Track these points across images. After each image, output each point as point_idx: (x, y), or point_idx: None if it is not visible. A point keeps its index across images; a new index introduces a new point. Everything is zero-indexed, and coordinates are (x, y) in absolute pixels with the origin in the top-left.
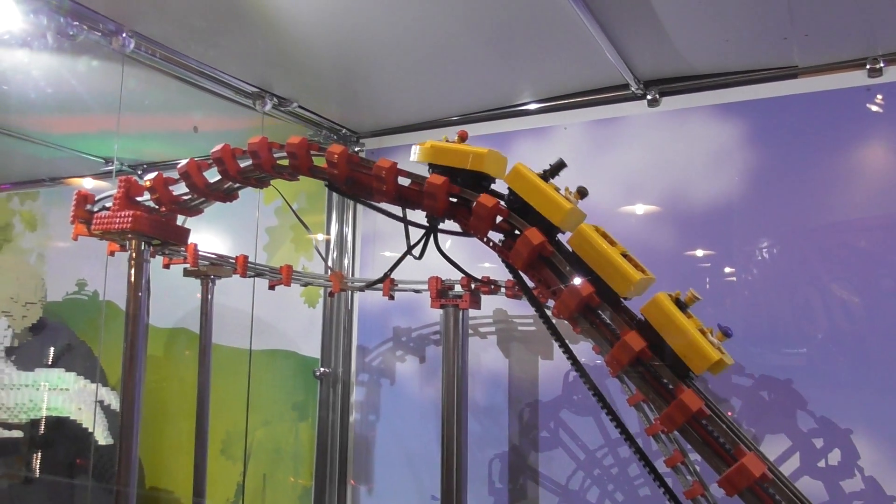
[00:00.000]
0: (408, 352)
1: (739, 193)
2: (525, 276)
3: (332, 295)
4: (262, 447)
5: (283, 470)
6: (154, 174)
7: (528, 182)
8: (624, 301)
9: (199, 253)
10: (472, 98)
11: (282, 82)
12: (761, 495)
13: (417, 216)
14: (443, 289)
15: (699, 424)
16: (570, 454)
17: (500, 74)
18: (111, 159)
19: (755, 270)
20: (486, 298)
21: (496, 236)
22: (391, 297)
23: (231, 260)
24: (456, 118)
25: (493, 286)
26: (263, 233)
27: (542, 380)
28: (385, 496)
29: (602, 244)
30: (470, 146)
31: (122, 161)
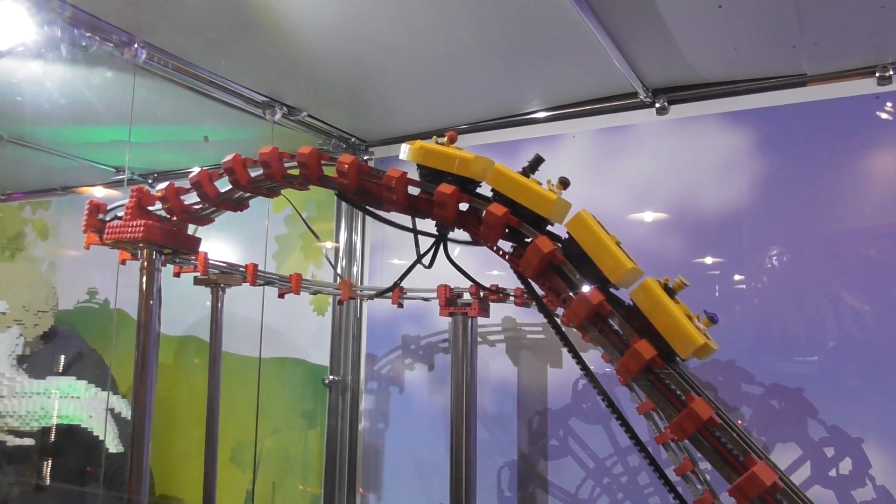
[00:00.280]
0: (417, 360)
1: (749, 201)
2: (535, 285)
3: (341, 303)
4: (271, 455)
5: (292, 478)
6: (165, 184)
7: (510, 179)
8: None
9: (210, 262)
10: (480, 106)
11: (291, 92)
12: None
13: (426, 225)
14: (452, 297)
15: (709, 433)
16: (580, 462)
17: (508, 83)
18: (122, 168)
19: (765, 278)
20: (494, 306)
21: (505, 245)
22: (400, 305)
23: (241, 268)
24: (464, 126)
25: (501, 294)
26: (273, 241)
27: (552, 388)
28: None
29: (599, 230)
30: (458, 150)
31: (132, 170)
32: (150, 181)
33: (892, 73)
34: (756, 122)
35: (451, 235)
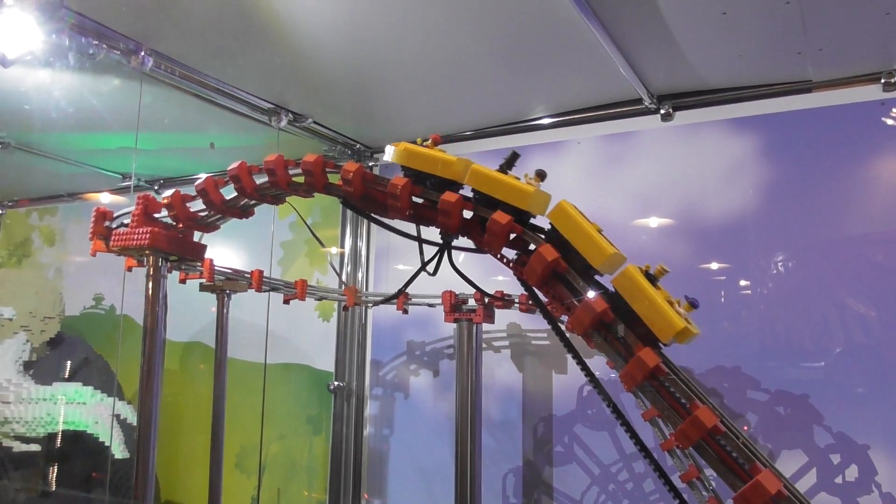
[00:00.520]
0: (421, 366)
1: (754, 207)
2: (538, 292)
3: (346, 309)
4: (276, 461)
5: (297, 484)
6: (171, 191)
7: (487, 177)
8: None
9: (215, 268)
10: (485, 113)
11: (297, 99)
12: None
13: (430, 232)
14: (456, 303)
15: (714, 441)
16: (585, 469)
17: (513, 89)
18: (128, 175)
19: (770, 284)
20: (499, 312)
21: (509, 252)
22: (405, 312)
23: (246, 275)
24: (469, 133)
25: (506, 300)
26: (278, 247)
27: (557, 394)
28: None
29: (580, 219)
30: (441, 152)
31: (139, 176)
32: (156, 187)
33: None
34: (761, 129)
35: (455, 242)
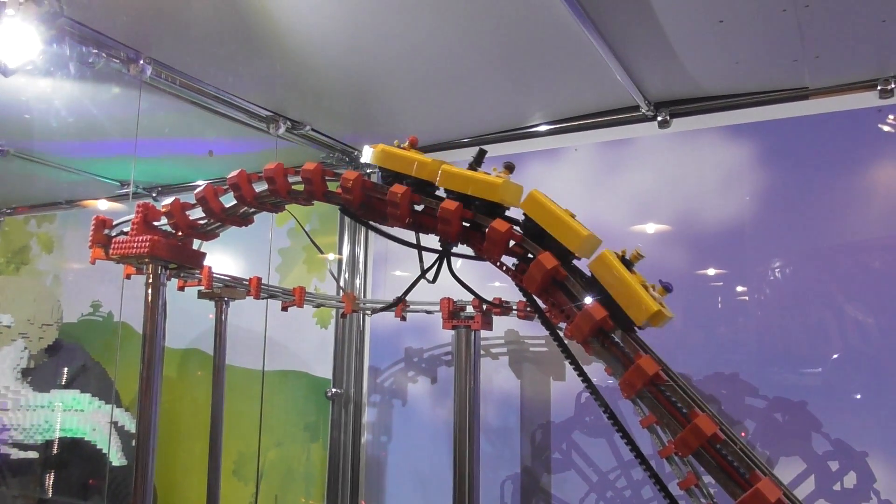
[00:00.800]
0: (420, 373)
1: (751, 214)
2: (538, 299)
3: (344, 316)
4: (273, 468)
5: (294, 491)
6: (171, 200)
7: (457, 175)
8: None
9: (214, 275)
10: (483, 120)
11: (295, 106)
12: None
13: (429, 240)
14: (455, 310)
15: (714, 449)
16: (583, 476)
17: (511, 96)
18: (126, 182)
19: (768, 290)
20: (497, 319)
21: (509, 260)
22: (403, 319)
23: (245, 282)
24: (467, 140)
25: (504, 307)
26: (276, 254)
27: (555, 401)
28: None
29: (553, 205)
30: (418, 153)
31: (137, 184)
32: (154, 195)
33: (893, 86)
34: (758, 136)
35: (455, 250)
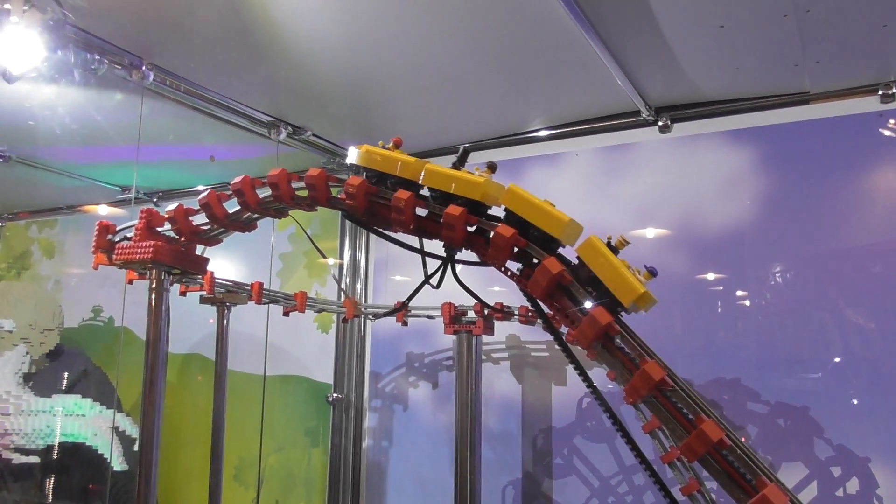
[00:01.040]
0: (421, 377)
1: (751, 218)
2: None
3: (345, 321)
4: (274, 473)
5: (295, 496)
6: (174, 205)
7: (440, 174)
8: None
9: (216, 280)
10: (483, 125)
11: (296, 111)
12: None
13: (433, 245)
14: (456, 315)
15: (720, 454)
16: (585, 481)
17: (512, 102)
18: (127, 188)
19: (769, 295)
20: (498, 324)
21: (513, 265)
22: (404, 324)
23: (246, 287)
24: (467, 144)
25: (506, 312)
26: (277, 259)
27: (556, 406)
28: None
29: (533, 198)
30: (401, 154)
31: (138, 189)
32: (155, 200)
33: (894, 90)
34: (759, 140)
35: (458, 255)
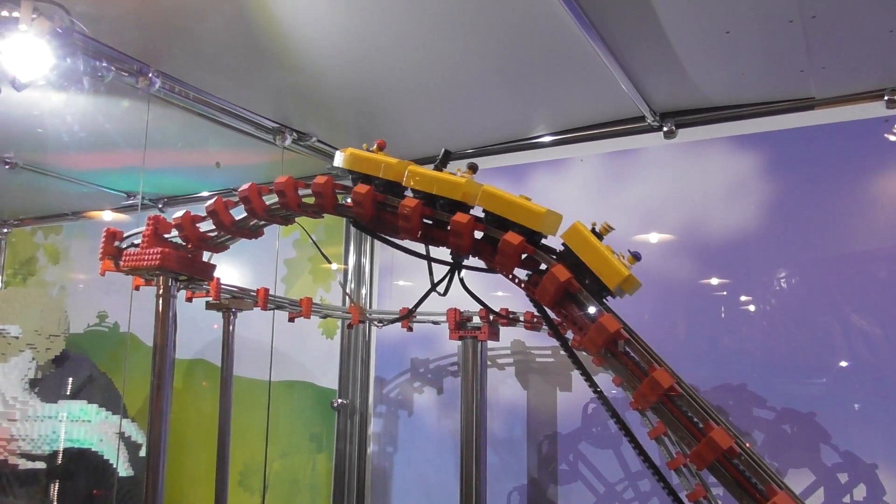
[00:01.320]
0: (425, 383)
1: (756, 224)
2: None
3: (350, 327)
4: (279, 479)
5: (300, 502)
6: (182, 212)
7: (422, 175)
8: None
9: (222, 286)
10: (488, 130)
11: (301, 118)
12: None
13: (440, 251)
14: (461, 320)
15: (729, 462)
16: (590, 487)
17: (516, 107)
18: (132, 193)
19: (774, 300)
20: (504, 330)
21: (520, 272)
22: (410, 329)
23: (252, 293)
24: (471, 151)
25: (511, 318)
26: (282, 264)
27: (561, 412)
28: None
29: (505, 193)
30: (384, 155)
31: (144, 195)
32: (160, 205)
33: None
34: (764, 146)
35: (465, 262)
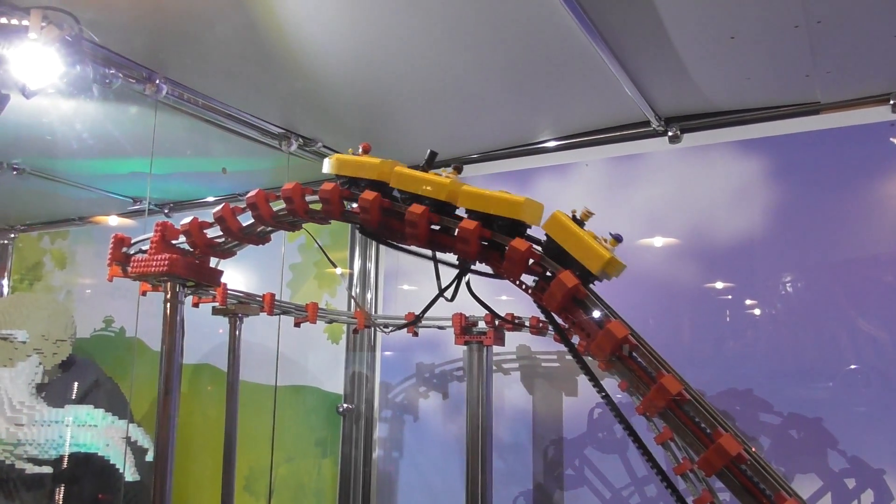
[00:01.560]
0: (431, 388)
1: (762, 228)
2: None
3: (356, 332)
4: (285, 483)
5: None
6: (189, 218)
7: (408, 175)
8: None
9: (228, 292)
10: (492, 135)
11: (307, 123)
12: None
13: (447, 258)
14: (467, 325)
15: (737, 469)
16: (596, 492)
17: (520, 112)
18: (139, 199)
19: (779, 305)
20: (509, 335)
21: (527, 278)
22: (415, 334)
23: (258, 298)
24: (476, 156)
25: (517, 323)
26: (287, 269)
27: (567, 416)
28: None
29: (482, 190)
30: (370, 158)
31: (150, 200)
32: (166, 211)
33: None
34: (769, 150)
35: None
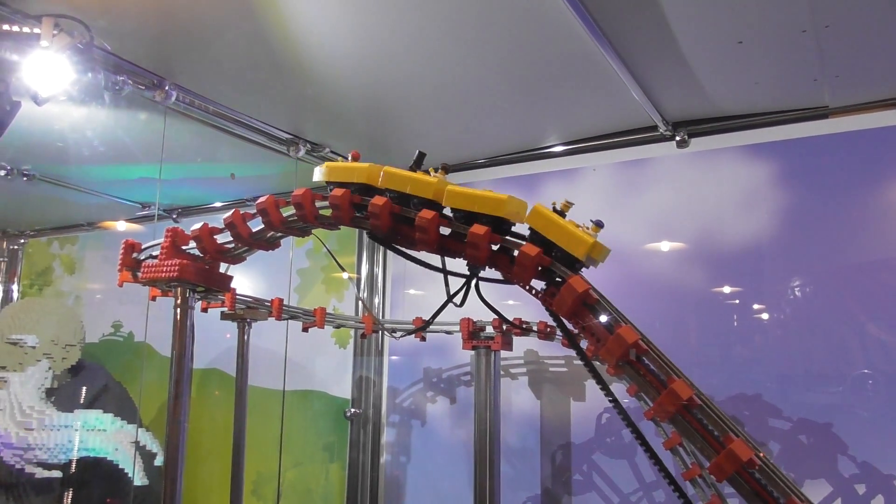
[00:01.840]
0: (438, 393)
1: (770, 233)
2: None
3: (364, 336)
4: (292, 488)
5: None
6: (199, 224)
7: (396, 175)
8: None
9: (237, 297)
10: (500, 140)
11: (314, 128)
12: None
13: (456, 263)
14: (475, 330)
15: (748, 474)
16: (605, 498)
17: (528, 117)
18: (147, 204)
19: (788, 309)
20: (517, 339)
21: (537, 283)
22: (423, 339)
23: (267, 303)
24: (483, 160)
25: (524, 328)
26: (295, 274)
27: (575, 422)
28: None
29: (465, 189)
30: (358, 164)
31: (159, 206)
32: (175, 216)
33: None
34: (777, 155)
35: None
